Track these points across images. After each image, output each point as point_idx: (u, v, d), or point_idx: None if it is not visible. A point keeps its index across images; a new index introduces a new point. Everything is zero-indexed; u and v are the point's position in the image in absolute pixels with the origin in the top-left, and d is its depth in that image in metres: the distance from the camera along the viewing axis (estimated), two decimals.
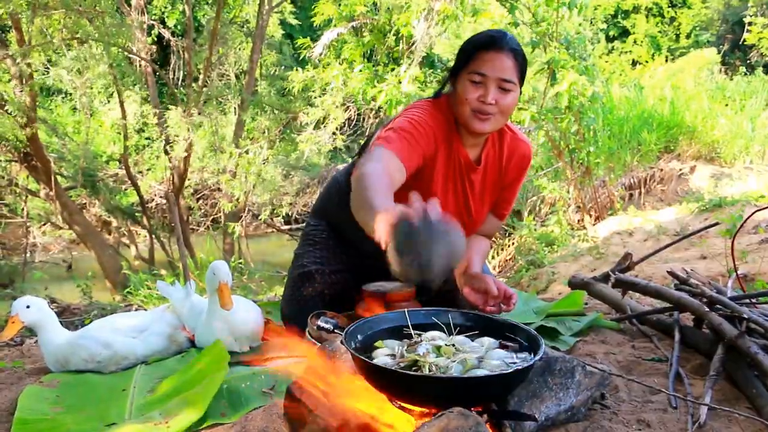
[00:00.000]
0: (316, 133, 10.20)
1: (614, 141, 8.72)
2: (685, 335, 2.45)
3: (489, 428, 1.55)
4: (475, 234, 2.56)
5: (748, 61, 15.18)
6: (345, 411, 1.59)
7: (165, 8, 13.54)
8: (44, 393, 2.24)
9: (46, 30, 7.56)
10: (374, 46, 10.44)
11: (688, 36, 19.45)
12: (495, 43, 2.20)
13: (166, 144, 9.05)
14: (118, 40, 7.70)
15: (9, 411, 2.10)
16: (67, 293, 6.90)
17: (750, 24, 12.68)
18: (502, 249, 7.52)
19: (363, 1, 9.99)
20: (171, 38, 10.98)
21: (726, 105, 10.43)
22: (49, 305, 2.59)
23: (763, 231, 5.06)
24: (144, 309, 4.65)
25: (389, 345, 1.70)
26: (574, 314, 2.87)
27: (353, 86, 8.38)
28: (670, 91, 10.89)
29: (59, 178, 8.83)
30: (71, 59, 8.63)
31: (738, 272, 2.91)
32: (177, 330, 2.64)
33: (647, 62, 18.46)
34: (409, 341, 1.71)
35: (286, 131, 11.48)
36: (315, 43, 9.82)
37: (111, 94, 11.47)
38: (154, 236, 9.73)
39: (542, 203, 8.23)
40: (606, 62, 18.70)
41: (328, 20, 10.39)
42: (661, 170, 8.65)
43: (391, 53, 10.36)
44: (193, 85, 9.17)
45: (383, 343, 1.71)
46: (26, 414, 2.05)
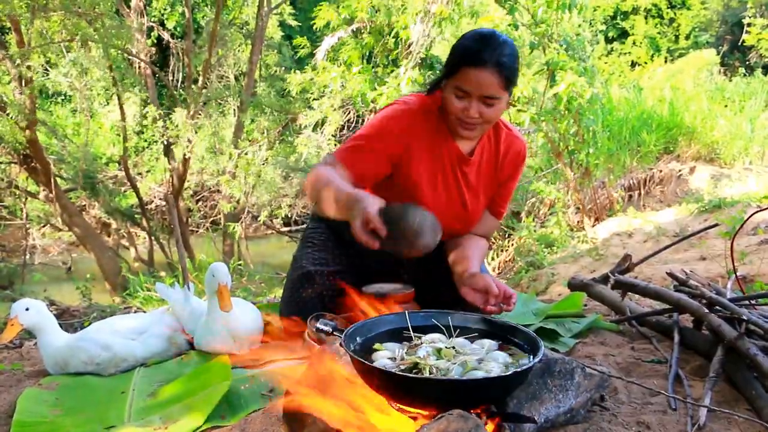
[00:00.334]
0: (314, 136, 10.21)
1: (613, 142, 8.72)
2: (685, 337, 2.45)
3: (488, 430, 1.55)
4: (472, 234, 2.55)
5: (747, 62, 15.19)
6: (344, 414, 1.59)
7: (164, 10, 13.55)
8: (43, 395, 2.23)
9: (46, 32, 7.56)
10: (373, 48, 10.45)
11: (687, 37, 19.45)
12: (478, 59, 2.14)
13: (167, 146, 9.05)
14: (118, 42, 7.70)
15: (8, 413, 2.10)
16: (67, 295, 6.89)
17: (749, 25, 12.70)
18: (502, 250, 7.52)
19: (364, 7, 10.00)
20: (170, 40, 11.00)
21: (725, 106, 10.43)
22: (48, 307, 2.59)
23: (763, 232, 5.07)
24: (143, 311, 4.64)
25: (389, 347, 1.71)
26: (574, 316, 2.87)
27: (352, 88, 8.39)
28: (670, 92, 10.89)
29: (59, 180, 8.83)
30: (71, 61, 8.64)
31: (737, 274, 2.91)
32: (176, 332, 2.63)
33: (646, 63, 18.46)
34: (409, 344, 1.71)
35: (285, 133, 11.48)
36: (314, 46, 9.83)
37: (110, 96, 11.47)
38: (154, 238, 9.74)
39: (541, 204, 8.23)
40: (605, 63, 18.70)
41: (328, 23, 10.40)
42: (661, 171, 8.65)
43: (390, 55, 10.36)
44: (193, 87, 9.17)
45: (383, 346, 1.71)
46: (25, 416, 2.05)
